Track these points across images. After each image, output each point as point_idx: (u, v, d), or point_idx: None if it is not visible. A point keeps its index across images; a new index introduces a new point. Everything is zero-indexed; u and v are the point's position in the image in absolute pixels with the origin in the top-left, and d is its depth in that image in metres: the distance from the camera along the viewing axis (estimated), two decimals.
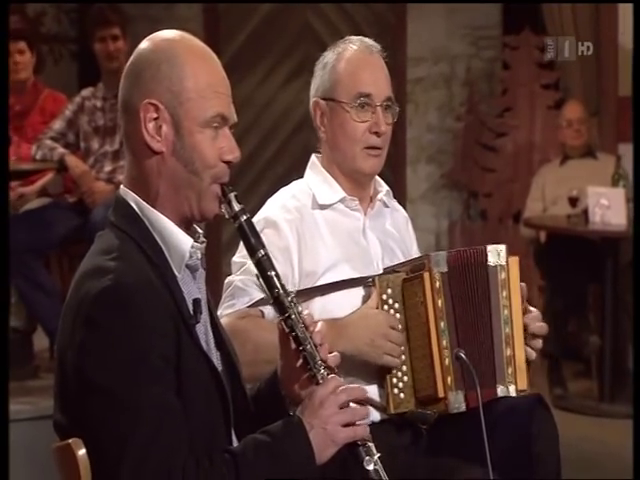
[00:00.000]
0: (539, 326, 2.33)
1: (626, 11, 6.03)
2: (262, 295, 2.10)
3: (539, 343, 2.33)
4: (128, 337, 1.60)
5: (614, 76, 6.17)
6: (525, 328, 2.30)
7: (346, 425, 1.69)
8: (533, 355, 2.31)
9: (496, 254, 2.29)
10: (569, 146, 5.79)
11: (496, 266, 2.29)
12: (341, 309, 2.28)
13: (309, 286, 2.29)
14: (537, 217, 5.69)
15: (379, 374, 2.26)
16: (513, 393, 2.26)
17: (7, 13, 3.44)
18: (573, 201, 5.44)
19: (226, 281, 2.31)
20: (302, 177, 2.50)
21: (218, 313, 2.19)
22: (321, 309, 2.25)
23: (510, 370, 2.26)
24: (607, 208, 5.16)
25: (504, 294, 2.29)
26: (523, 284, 2.34)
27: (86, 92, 5.01)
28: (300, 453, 1.65)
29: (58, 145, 4.88)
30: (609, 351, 5.26)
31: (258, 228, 2.17)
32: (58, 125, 4.95)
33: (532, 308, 2.37)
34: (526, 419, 2.20)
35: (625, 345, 5.57)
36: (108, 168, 4.85)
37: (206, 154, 1.73)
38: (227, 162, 1.76)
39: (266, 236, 2.23)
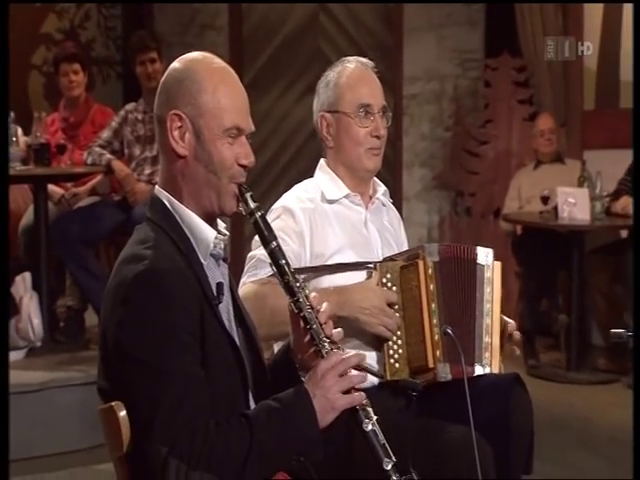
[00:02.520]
0: (515, 332, 2.35)
1: (590, 35, 6.00)
2: None
3: (516, 350, 2.36)
4: (159, 315, 1.59)
5: (580, 93, 6.16)
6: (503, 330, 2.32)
7: (345, 392, 1.67)
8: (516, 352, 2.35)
9: (484, 255, 2.32)
10: (541, 153, 5.77)
11: (484, 265, 2.30)
12: None
13: (319, 265, 2.29)
14: (514, 213, 5.67)
15: (379, 346, 2.26)
16: (487, 371, 2.27)
17: (7, 13, 3.36)
18: (545, 200, 5.43)
19: (249, 255, 2.31)
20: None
21: (241, 281, 2.20)
22: (329, 285, 2.25)
23: (487, 355, 2.27)
24: (574, 205, 5.14)
25: (488, 290, 2.30)
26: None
27: (129, 106, 5.00)
28: (305, 417, 1.64)
29: (106, 152, 4.87)
30: (575, 327, 5.25)
31: (277, 214, 2.17)
32: (106, 135, 4.94)
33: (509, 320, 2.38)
34: (505, 395, 2.21)
35: (589, 322, 5.55)
36: (148, 171, 4.85)
37: (223, 158, 1.72)
38: (243, 166, 1.75)
39: (284, 221, 2.26)
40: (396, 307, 2.25)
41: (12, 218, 4.84)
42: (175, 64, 1.77)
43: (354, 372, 1.70)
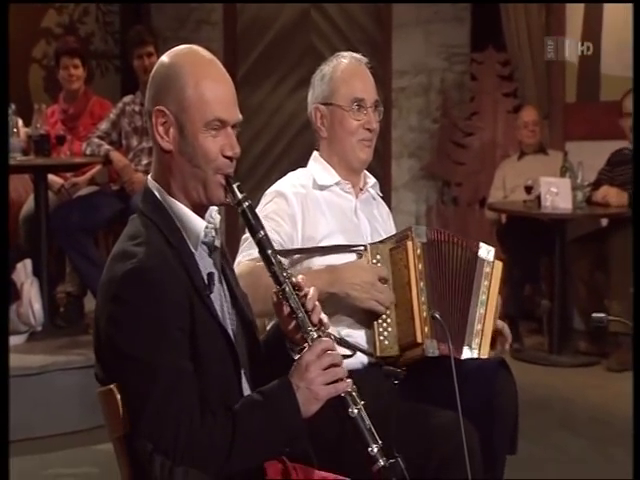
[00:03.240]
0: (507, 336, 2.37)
1: (572, 31, 6.00)
2: (276, 246, 2.07)
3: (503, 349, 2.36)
4: (148, 312, 1.58)
5: (562, 86, 6.16)
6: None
7: (328, 384, 1.65)
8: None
9: (486, 251, 2.35)
10: (525, 144, 5.77)
11: (484, 260, 2.33)
12: None
13: (311, 247, 2.29)
14: (499, 202, 5.67)
15: (368, 322, 2.25)
16: (475, 356, 2.28)
17: (7, 13, 3.33)
18: (528, 189, 5.43)
19: (244, 237, 2.29)
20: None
21: (237, 261, 2.19)
22: (320, 266, 2.24)
23: (477, 340, 2.28)
24: (556, 195, 5.14)
25: (485, 283, 2.32)
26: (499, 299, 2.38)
27: (127, 99, 4.98)
28: (288, 409, 1.63)
29: (104, 143, 4.85)
30: (557, 312, 5.26)
31: (270, 198, 2.16)
32: (104, 126, 4.92)
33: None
34: (490, 378, 2.21)
35: (570, 307, 5.56)
36: (145, 161, 4.82)
37: (207, 151, 1.69)
38: (228, 157, 1.71)
39: (277, 204, 2.26)
40: (386, 279, 2.24)
41: (13, 207, 4.82)
42: (163, 58, 1.74)
43: (341, 350, 1.69)
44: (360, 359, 2.22)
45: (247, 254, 2.26)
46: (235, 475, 1.62)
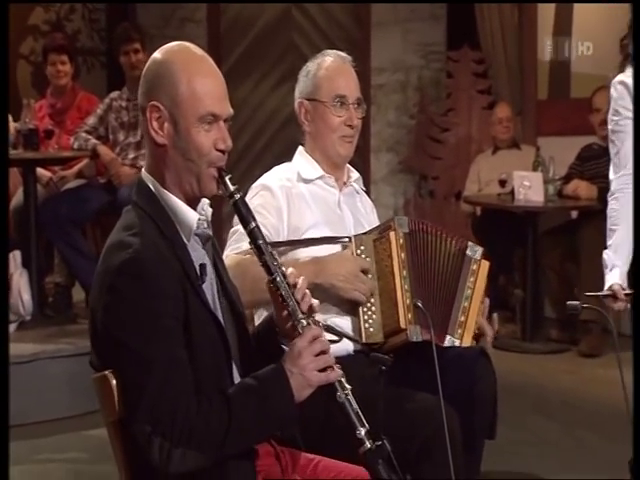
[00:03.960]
0: (490, 337, 2.37)
1: (543, 30, 6.03)
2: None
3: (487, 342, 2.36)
4: (143, 302, 1.57)
5: (534, 84, 6.18)
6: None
7: (320, 370, 1.66)
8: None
9: (474, 250, 2.36)
10: (499, 139, 5.79)
11: (471, 258, 2.34)
12: None
13: (298, 239, 2.29)
14: (474, 195, 5.70)
15: (354, 311, 2.26)
16: (457, 345, 2.29)
17: (7, 13, 3.29)
18: (502, 183, 5.46)
19: (231, 230, 2.30)
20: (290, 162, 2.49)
21: (225, 254, 2.18)
22: (305, 257, 2.24)
23: (460, 331, 2.29)
24: (529, 188, 5.16)
25: (471, 279, 2.33)
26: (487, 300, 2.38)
27: (114, 94, 4.95)
28: (281, 394, 1.63)
29: (91, 137, 4.82)
30: (530, 301, 5.28)
31: (256, 191, 2.15)
32: (91, 121, 4.89)
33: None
34: (470, 366, 2.22)
35: (542, 296, 5.60)
36: (131, 155, 4.81)
37: (200, 145, 1.68)
38: (221, 150, 1.70)
39: (263, 197, 2.25)
40: (369, 275, 2.25)
41: None
42: (155, 55, 1.73)
43: (328, 336, 1.70)
44: (346, 347, 2.22)
45: (235, 247, 2.26)
46: (229, 457, 1.62)
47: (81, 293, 4.98)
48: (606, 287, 2.55)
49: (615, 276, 2.54)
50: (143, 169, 1.75)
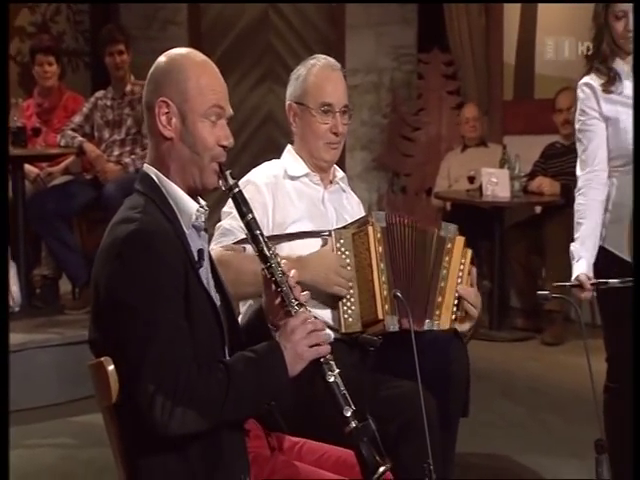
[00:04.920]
0: (473, 298, 2.33)
1: (509, 34, 6.07)
2: (244, 236, 2.07)
3: (473, 310, 2.33)
4: (149, 269, 1.58)
5: (500, 85, 6.22)
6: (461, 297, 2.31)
7: (312, 346, 1.69)
8: (472, 313, 2.32)
9: (447, 230, 2.34)
10: (467, 138, 5.82)
11: (445, 237, 2.32)
12: (303, 253, 2.27)
13: (281, 233, 2.29)
14: (444, 191, 5.72)
15: (334, 303, 2.27)
16: (435, 328, 2.29)
17: (7, 13, 3.27)
18: (471, 179, 5.48)
19: (217, 226, 2.31)
20: (268, 161, 2.48)
21: (210, 247, 2.18)
22: (288, 251, 2.24)
23: (437, 312, 2.29)
24: (496, 184, 5.20)
25: (446, 259, 2.31)
26: (475, 269, 2.37)
27: (99, 94, 4.93)
28: (277, 366, 1.65)
29: (78, 135, 4.79)
30: (496, 292, 5.32)
31: (242, 187, 2.17)
32: (77, 119, 4.86)
33: (474, 288, 2.36)
34: (446, 348, 2.23)
35: (508, 287, 5.64)
36: (116, 153, 4.79)
37: (205, 140, 1.71)
38: (223, 146, 1.74)
39: (249, 193, 2.24)
40: (349, 268, 2.26)
41: None
42: (162, 58, 1.76)
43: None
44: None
45: (219, 242, 2.27)
46: (223, 434, 1.63)
47: (68, 285, 4.96)
48: (573, 277, 2.58)
49: (582, 267, 2.56)
50: (146, 163, 1.77)
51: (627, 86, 2.56)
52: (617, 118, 2.54)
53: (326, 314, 2.26)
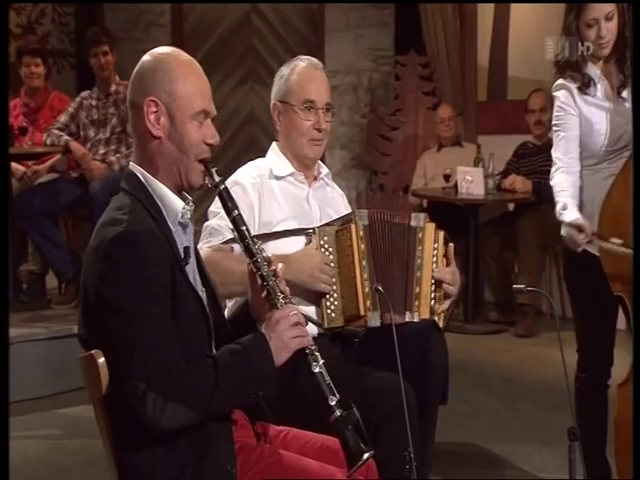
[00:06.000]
0: (449, 277, 2.34)
1: (483, 36, 6.10)
2: (232, 235, 2.07)
3: (451, 289, 2.34)
4: (136, 269, 1.58)
5: (474, 86, 6.25)
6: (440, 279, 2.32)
7: (296, 337, 1.70)
8: (451, 292, 2.33)
9: (417, 219, 2.35)
10: (443, 137, 5.84)
11: (416, 227, 2.33)
12: (288, 251, 2.28)
13: (266, 232, 2.29)
14: (420, 189, 5.74)
15: (317, 299, 2.27)
16: (416, 319, 2.30)
17: (7, 13, 3.23)
18: (446, 177, 5.50)
19: (204, 225, 2.30)
20: (249, 160, 2.48)
21: (198, 246, 2.18)
22: (274, 250, 2.23)
23: (416, 302, 2.30)
24: (470, 182, 5.22)
25: (419, 248, 2.32)
26: (451, 245, 2.37)
27: (84, 93, 4.90)
28: (263, 356, 1.66)
29: (63, 134, 4.76)
30: (471, 286, 5.33)
31: (229, 187, 2.16)
32: (63, 119, 4.83)
33: (450, 267, 2.36)
34: (424, 338, 2.24)
35: (482, 281, 5.68)
36: (102, 151, 4.76)
37: (192, 138, 1.71)
38: (209, 144, 1.74)
39: (235, 193, 2.22)
40: (332, 265, 2.26)
41: None
42: (146, 57, 1.74)
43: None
44: (310, 331, 2.21)
45: (207, 241, 2.26)
46: (211, 424, 1.63)
47: (54, 280, 4.93)
48: (569, 221, 2.45)
49: (574, 212, 2.47)
50: (131, 161, 1.75)
51: (599, 89, 2.59)
52: (591, 120, 2.56)
53: (309, 309, 2.26)
